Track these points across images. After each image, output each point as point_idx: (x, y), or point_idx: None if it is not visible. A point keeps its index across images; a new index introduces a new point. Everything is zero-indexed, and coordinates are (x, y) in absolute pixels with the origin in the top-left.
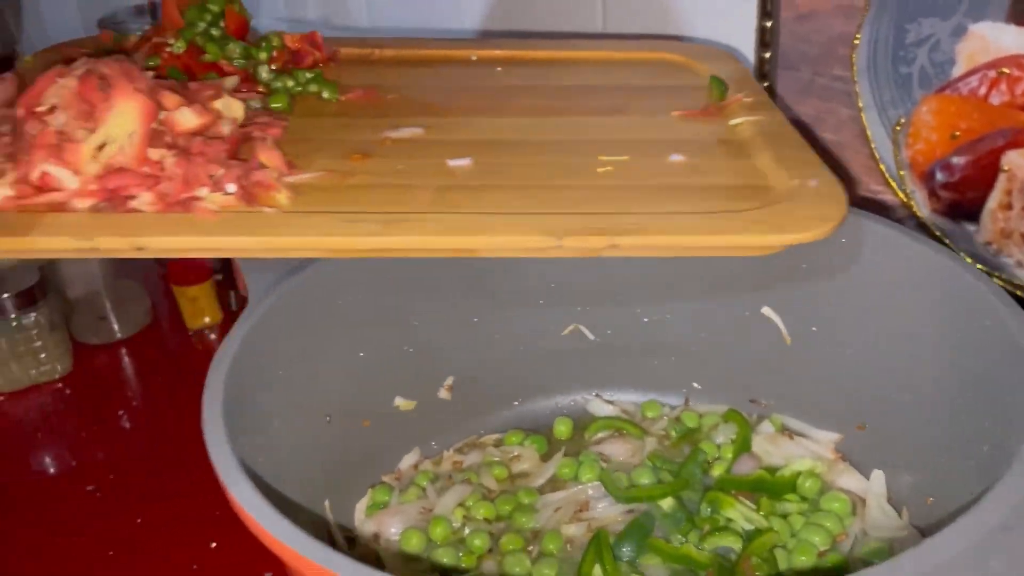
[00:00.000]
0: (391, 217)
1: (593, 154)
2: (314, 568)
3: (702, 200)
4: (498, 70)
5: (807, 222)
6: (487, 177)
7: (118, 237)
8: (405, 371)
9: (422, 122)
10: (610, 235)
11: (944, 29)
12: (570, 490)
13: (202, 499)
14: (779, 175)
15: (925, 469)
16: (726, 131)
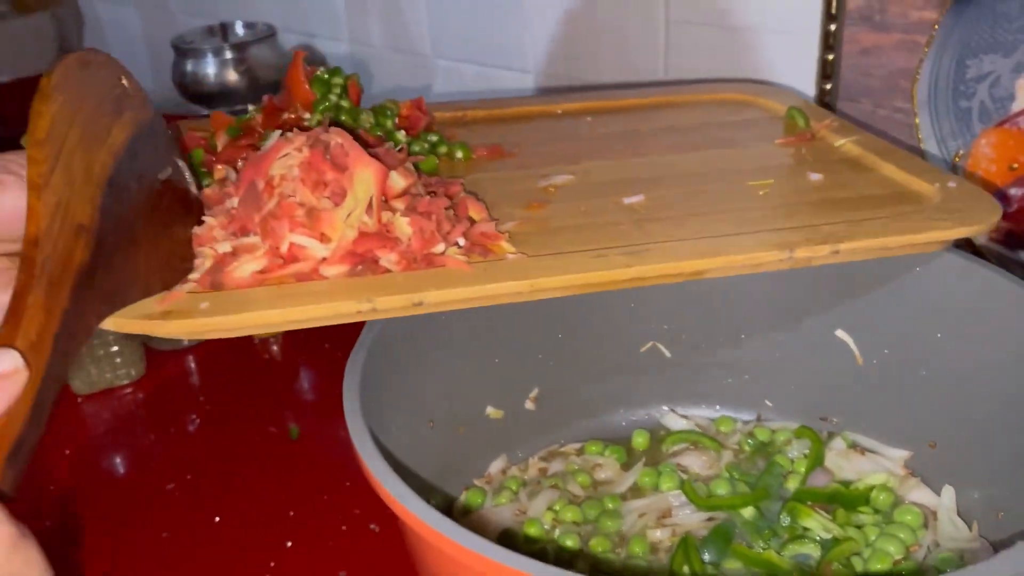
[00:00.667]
0: (627, 250)
1: (738, 181)
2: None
3: (872, 207)
4: (588, 120)
5: (979, 214)
6: (666, 209)
7: (396, 296)
8: (495, 382)
9: (564, 169)
10: (832, 243)
11: (1005, 66)
12: (652, 497)
13: (277, 499)
14: (916, 182)
15: (995, 485)
16: (835, 151)
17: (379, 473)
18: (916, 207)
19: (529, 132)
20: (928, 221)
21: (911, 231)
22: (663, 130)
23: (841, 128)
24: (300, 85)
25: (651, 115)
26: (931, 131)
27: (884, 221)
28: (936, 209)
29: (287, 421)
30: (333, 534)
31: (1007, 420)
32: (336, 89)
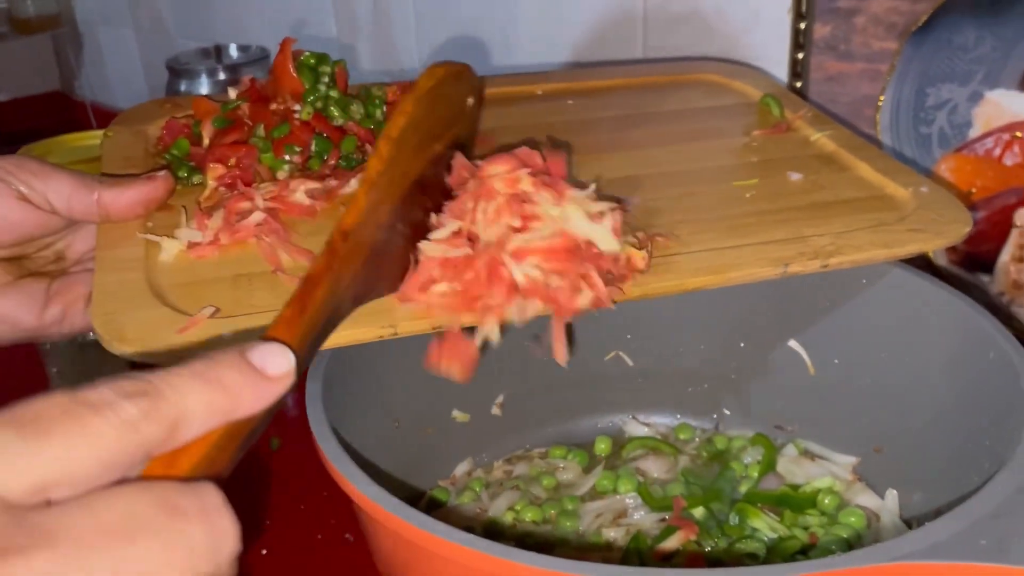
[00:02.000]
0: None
1: (725, 180)
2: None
3: (852, 213)
4: (569, 103)
5: (951, 226)
6: (659, 215)
7: (416, 321)
8: (462, 386)
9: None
10: (822, 258)
11: (962, 95)
12: (610, 499)
13: (253, 509)
14: (890, 184)
15: (934, 488)
16: (810, 146)
17: (338, 462)
18: (894, 215)
19: (512, 117)
20: (907, 233)
21: (893, 244)
22: (645, 116)
23: (815, 120)
24: (288, 74)
25: (631, 97)
26: (895, 156)
27: (867, 233)
28: (912, 219)
29: (268, 433)
30: (308, 544)
31: (945, 425)
32: (324, 78)
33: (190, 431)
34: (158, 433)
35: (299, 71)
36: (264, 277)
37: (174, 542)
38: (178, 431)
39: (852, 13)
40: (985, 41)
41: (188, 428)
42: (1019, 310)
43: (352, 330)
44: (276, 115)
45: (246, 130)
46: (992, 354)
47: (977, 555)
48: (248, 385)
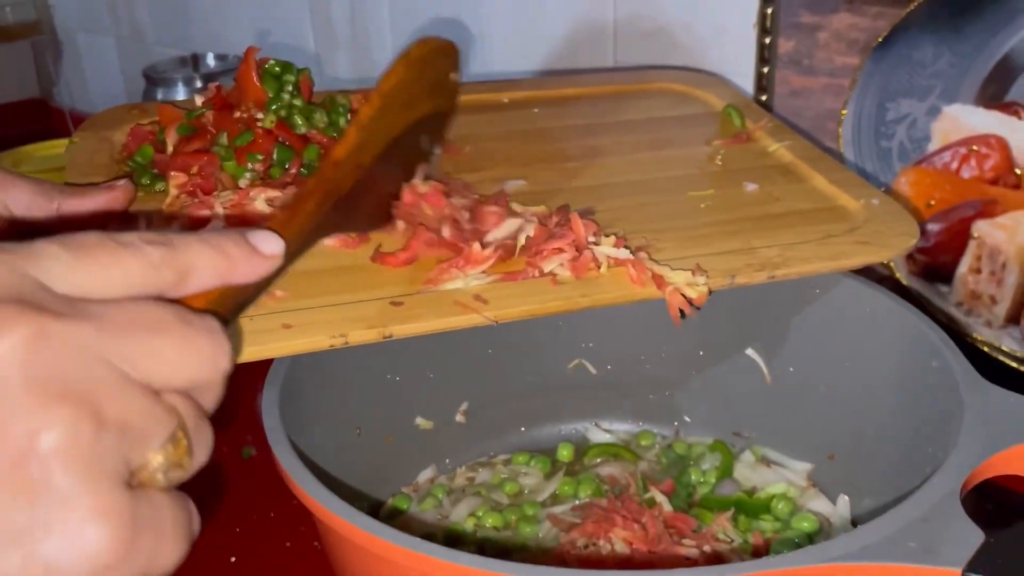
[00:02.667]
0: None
1: (682, 190)
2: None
3: (804, 226)
4: (535, 111)
5: (899, 239)
6: (616, 224)
7: (368, 330)
8: (425, 394)
9: (516, 174)
10: (768, 270)
11: (920, 109)
12: (570, 503)
13: (223, 516)
14: (843, 197)
15: (884, 494)
16: (768, 157)
17: (293, 471)
18: (843, 226)
19: (478, 125)
20: (854, 246)
21: (839, 256)
22: (607, 126)
23: (775, 130)
24: (252, 83)
25: (596, 106)
26: (856, 169)
27: (815, 246)
28: (861, 231)
29: (240, 442)
30: (277, 551)
31: (893, 432)
32: (288, 86)
33: (195, 282)
34: (171, 277)
35: (263, 79)
36: None
37: (187, 345)
38: (186, 280)
39: (815, 29)
40: (943, 57)
41: (194, 279)
42: (976, 320)
43: (304, 339)
44: (239, 123)
45: (209, 138)
46: (935, 362)
47: (907, 556)
48: (244, 256)
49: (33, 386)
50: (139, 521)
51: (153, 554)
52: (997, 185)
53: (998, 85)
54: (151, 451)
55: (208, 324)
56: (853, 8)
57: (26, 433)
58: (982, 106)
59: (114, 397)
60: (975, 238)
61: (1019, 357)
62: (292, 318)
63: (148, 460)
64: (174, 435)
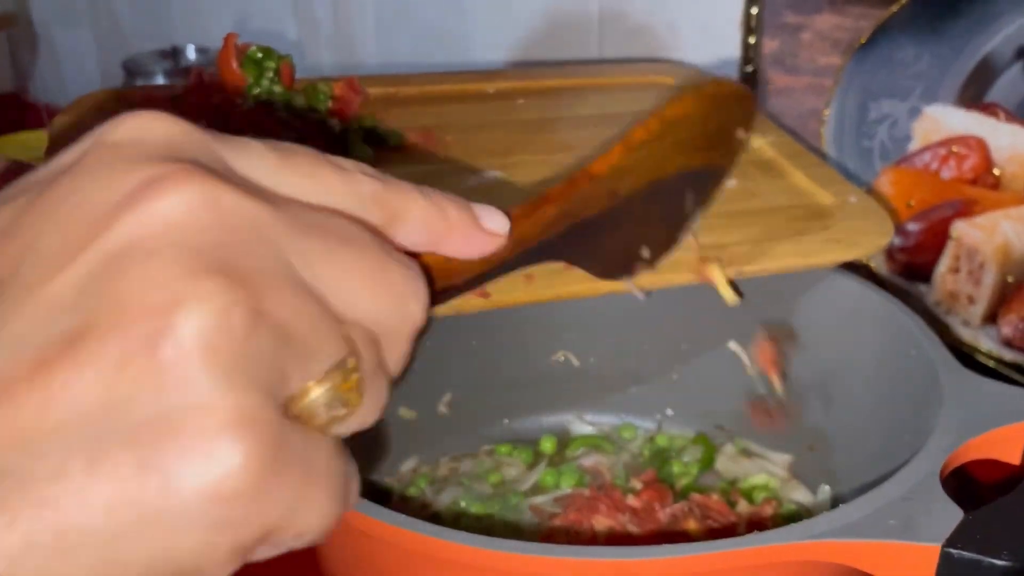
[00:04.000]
0: (550, 268)
1: None
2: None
3: (779, 223)
4: (520, 102)
5: (871, 237)
6: None
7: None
8: (409, 384)
9: (494, 164)
10: (737, 266)
11: (901, 109)
12: (551, 494)
13: None
14: (820, 193)
15: (863, 481)
16: (751, 153)
17: None
18: (818, 224)
19: (462, 114)
20: (826, 244)
21: (809, 254)
22: (592, 118)
23: (759, 126)
24: (231, 68)
25: (581, 98)
26: (839, 168)
27: (786, 243)
28: (835, 229)
29: None
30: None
31: (872, 422)
32: (269, 72)
33: (403, 232)
34: (377, 217)
35: (243, 65)
36: None
37: (379, 273)
38: (394, 224)
39: (799, 29)
40: (923, 58)
41: (403, 227)
42: (954, 319)
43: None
44: (219, 107)
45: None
46: (913, 351)
47: (887, 533)
48: (464, 224)
49: (187, 252)
50: (287, 453)
51: (295, 502)
52: (976, 186)
53: (978, 86)
54: (313, 376)
55: (409, 263)
56: (836, 8)
57: (167, 304)
58: (962, 107)
59: (282, 294)
60: (953, 238)
61: (996, 356)
62: None
63: (309, 388)
64: (344, 364)
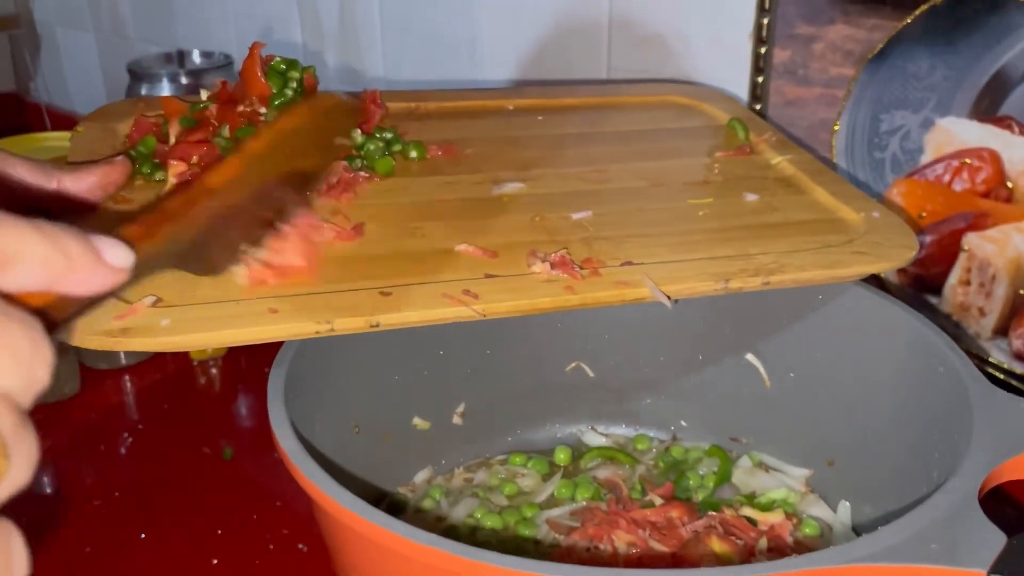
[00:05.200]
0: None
1: (681, 198)
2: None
3: (801, 234)
4: (539, 119)
5: (897, 251)
6: (612, 228)
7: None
8: (423, 394)
9: (516, 176)
10: (764, 275)
11: (914, 121)
12: (567, 507)
13: (205, 518)
14: (843, 208)
15: (885, 500)
16: (771, 169)
17: (300, 462)
18: (842, 237)
19: (482, 129)
20: (851, 255)
21: (836, 265)
22: (611, 134)
23: (779, 144)
24: (256, 78)
25: (600, 116)
26: (849, 179)
27: (811, 254)
28: (859, 242)
29: (222, 442)
30: (260, 553)
31: (895, 438)
32: (292, 83)
33: (17, 276)
34: None
35: (268, 75)
36: None
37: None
38: (5, 269)
39: (811, 40)
40: (937, 70)
41: (16, 272)
42: (965, 331)
43: (290, 324)
44: (242, 117)
45: (211, 130)
46: (941, 368)
47: (930, 558)
48: (87, 261)
49: None
50: None
51: None
52: (988, 198)
53: (991, 99)
54: None
55: (31, 322)
56: (849, 20)
57: None
58: (975, 119)
59: None
60: (965, 250)
61: (1007, 369)
62: (279, 303)
63: None
64: None
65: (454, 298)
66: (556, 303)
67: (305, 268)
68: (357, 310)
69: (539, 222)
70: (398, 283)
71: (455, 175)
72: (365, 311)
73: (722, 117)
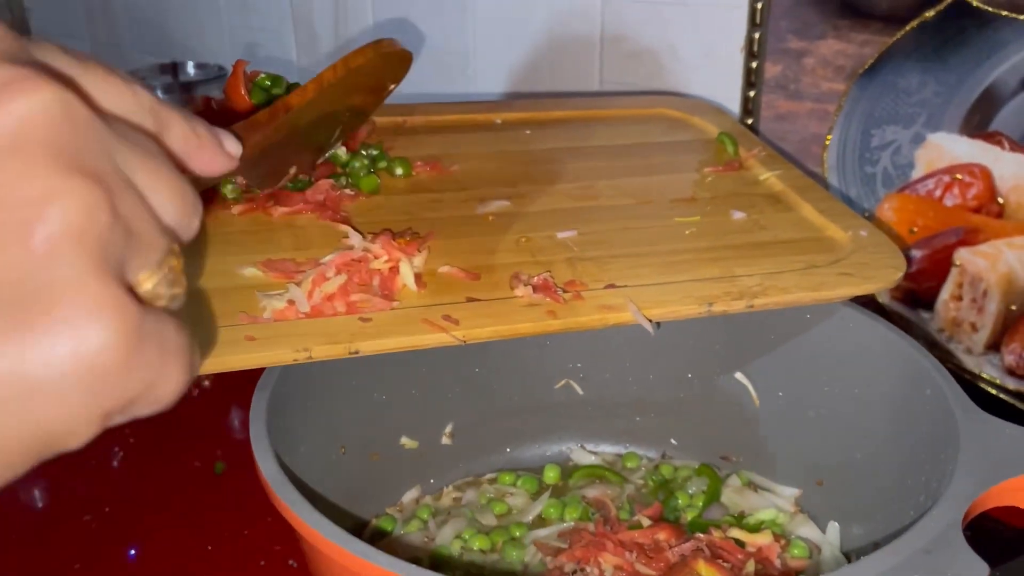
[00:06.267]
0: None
1: (668, 216)
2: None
3: (787, 254)
4: (527, 132)
5: (883, 272)
6: (597, 247)
7: (332, 346)
8: (411, 413)
9: (502, 193)
10: (747, 298)
11: (905, 136)
12: (556, 527)
13: (195, 533)
14: (831, 227)
15: (874, 521)
16: (759, 185)
17: (279, 487)
18: (828, 257)
19: (469, 144)
20: (837, 277)
21: (820, 287)
22: (600, 149)
23: (768, 159)
24: (239, 95)
25: (590, 129)
26: (840, 194)
27: (796, 276)
28: (846, 262)
29: (213, 457)
30: (251, 570)
31: (884, 460)
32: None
33: (167, 142)
34: (152, 125)
35: (251, 92)
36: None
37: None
38: (161, 135)
39: (802, 54)
40: (928, 85)
41: (167, 138)
42: (957, 347)
43: (267, 353)
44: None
45: None
46: (929, 391)
47: None
48: (211, 143)
49: (56, 151)
50: (145, 332)
51: (155, 373)
52: (980, 213)
53: (982, 114)
54: (150, 265)
55: (187, 180)
56: (840, 35)
57: (39, 197)
58: (966, 135)
59: (127, 194)
60: (957, 266)
61: (999, 384)
62: (256, 331)
63: (151, 274)
64: (172, 253)
65: (434, 323)
66: (538, 328)
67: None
68: (336, 336)
69: (524, 243)
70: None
71: (441, 192)
72: (344, 338)
73: (712, 130)
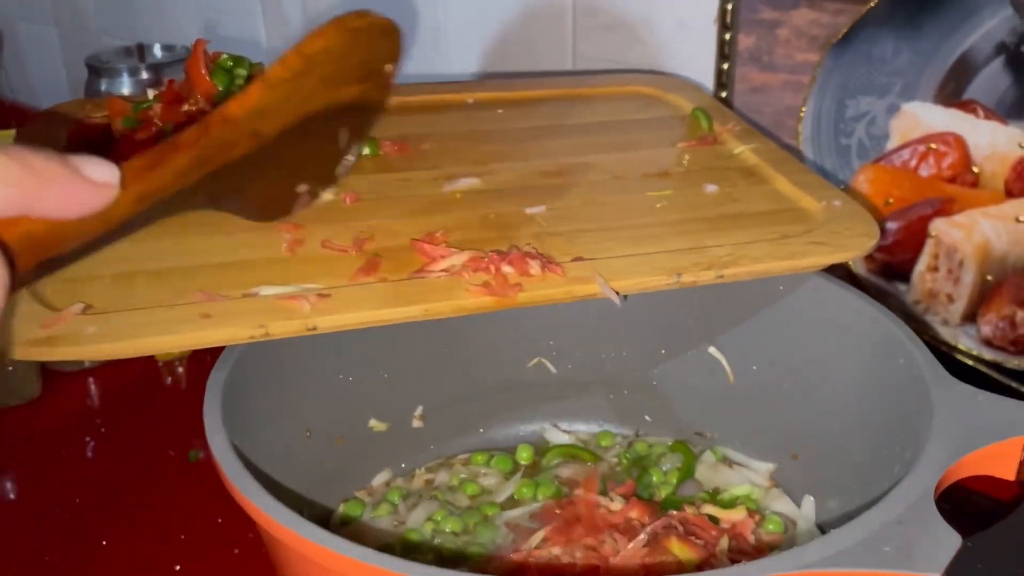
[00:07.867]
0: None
1: (640, 190)
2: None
3: (760, 227)
4: (499, 112)
5: (856, 240)
6: (566, 222)
7: (289, 321)
8: (379, 395)
9: (471, 171)
10: (717, 268)
11: (880, 107)
12: (528, 507)
13: (168, 523)
14: (805, 198)
15: (849, 495)
16: (733, 159)
17: (234, 475)
18: (801, 227)
19: (439, 124)
20: (809, 246)
21: (792, 256)
22: (572, 127)
23: (742, 133)
24: (201, 76)
25: (562, 108)
26: (815, 167)
27: (768, 245)
28: (818, 232)
29: (188, 445)
30: (224, 558)
31: (858, 431)
32: (240, 80)
33: None
34: None
35: (213, 73)
36: (147, 274)
37: None
38: None
39: (775, 25)
40: (902, 53)
41: None
42: (934, 318)
43: (222, 330)
44: (187, 116)
45: (155, 130)
46: (902, 360)
47: (883, 562)
48: (62, 178)
49: None
50: None
51: None
52: (955, 183)
53: (956, 83)
54: None
55: None
56: (813, 4)
57: None
58: (941, 104)
59: None
60: (932, 236)
61: (975, 355)
62: (212, 308)
63: None
64: None
65: (394, 299)
66: (503, 302)
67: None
68: (294, 313)
69: (492, 219)
70: (338, 284)
71: (408, 171)
72: (302, 314)
73: (687, 107)
